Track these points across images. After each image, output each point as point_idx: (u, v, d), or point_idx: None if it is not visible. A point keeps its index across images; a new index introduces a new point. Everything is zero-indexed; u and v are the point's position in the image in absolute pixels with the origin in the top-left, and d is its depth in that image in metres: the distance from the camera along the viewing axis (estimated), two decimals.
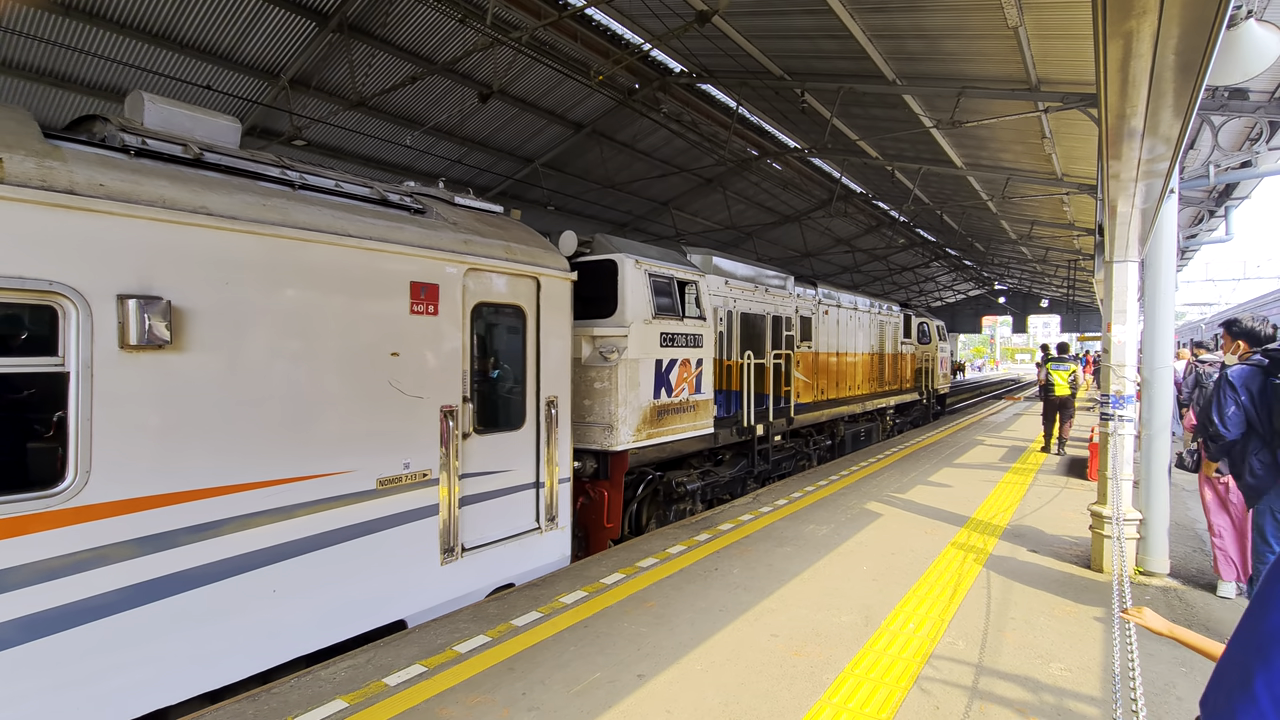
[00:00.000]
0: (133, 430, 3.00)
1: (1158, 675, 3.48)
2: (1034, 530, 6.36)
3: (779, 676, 3.51)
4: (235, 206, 3.41)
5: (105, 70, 9.42)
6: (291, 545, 3.59)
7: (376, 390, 4.03)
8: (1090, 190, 11.52)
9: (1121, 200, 3.96)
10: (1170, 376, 5.24)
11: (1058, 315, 43.74)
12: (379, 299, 4.06)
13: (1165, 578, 5.06)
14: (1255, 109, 7.14)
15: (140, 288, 3.04)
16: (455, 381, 4.52)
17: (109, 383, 2.93)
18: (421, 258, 4.31)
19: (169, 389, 3.13)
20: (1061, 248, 21.65)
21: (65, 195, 2.81)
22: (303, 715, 3.10)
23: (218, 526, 3.28)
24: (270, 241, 3.52)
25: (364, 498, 3.94)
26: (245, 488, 3.40)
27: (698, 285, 7.54)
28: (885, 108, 11.15)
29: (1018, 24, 6.82)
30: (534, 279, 5.18)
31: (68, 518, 2.80)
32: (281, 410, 3.57)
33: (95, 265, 2.91)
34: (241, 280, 3.41)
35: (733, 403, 8.38)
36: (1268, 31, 4.48)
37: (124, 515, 2.97)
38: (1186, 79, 2.30)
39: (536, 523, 5.23)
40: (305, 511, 3.65)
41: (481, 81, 11.29)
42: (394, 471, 4.12)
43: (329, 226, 3.81)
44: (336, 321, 3.84)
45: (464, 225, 4.81)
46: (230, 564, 3.33)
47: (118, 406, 2.95)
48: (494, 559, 4.84)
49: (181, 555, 3.15)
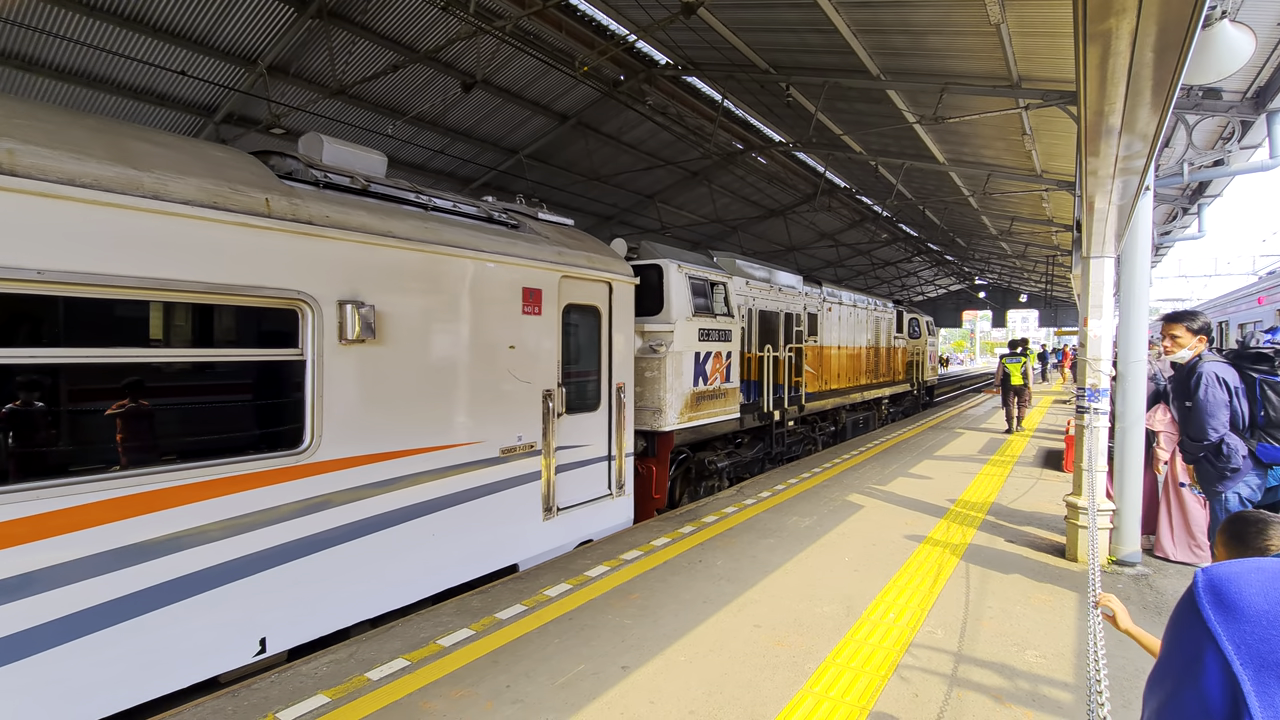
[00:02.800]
0: (346, 405, 3.89)
1: (1129, 661, 3.57)
2: (1012, 521, 6.48)
3: (762, 666, 3.54)
4: (408, 229, 4.28)
5: (74, 53, 9.15)
6: (442, 500, 4.50)
7: (499, 376, 4.96)
8: (1069, 187, 11.70)
9: (1099, 197, 4.02)
10: (1144, 371, 5.33)
11: (1036, 310, 44.42)
12: (501, 302, 4.97)
13: (1137, 566, 5.18)
14: (1228, 108, 7.29)
15: (352, 295, 3.92)
16: (552, 370, 5.43)
17: (331, 368, 3.80)
18: (530, 267, 5.20)
19: (370, 374, 4.02)
20: (1040, 243, 21.98)
21: (306, 225, 3.69)
22: (284, 710, 3.07)
23: (398, 482, 4.19)
24: (430, 256, 4.42)
25: (491, 464, 4.88)
26: (414, 452, 4.30)
27: (726, 286, 8.51)
28: (869, 103, 11.21)
29: (1000, 21, 6.88)
30: (607, 283, 6.11)
31: (307, 471, 3.69)
32: (438, 390, 4.49)
33: (323, 277, 3.77)
34: (412, 288, 4.30)
35: (752, 391, 9.22)
36: (1241, 32, 4.57)
37: (340, 470, 3.87)
38: (1163, 77, 2.33)
39: (609, 489, 6.18)
40: (452, 473, 4.57)
41: (465, 71, 11.14)
42: (511, 443, 5.06)
43: (467, 243, 4.70)
44: (473, 321, 4.74)
45: (554, 238, 5.72)
46: (406, 511, 4.26)
47: (337, 387, 3.83)
48: (579, 518, 5.80)
49: (374, 504, 4.05)
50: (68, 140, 2.92)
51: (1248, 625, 0.93)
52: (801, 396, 10.61)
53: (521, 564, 5.19)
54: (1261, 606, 0.93)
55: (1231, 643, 0.93)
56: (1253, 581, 0.96)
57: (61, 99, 9.77)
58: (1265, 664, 0.90)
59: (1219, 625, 0.94)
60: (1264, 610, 0.93)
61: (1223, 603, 0.96)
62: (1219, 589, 0.97)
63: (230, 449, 3.51)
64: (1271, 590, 0.94)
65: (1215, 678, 0.94)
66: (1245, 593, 0.95)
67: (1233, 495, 4.20)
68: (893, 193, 16.57)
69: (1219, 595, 0.97)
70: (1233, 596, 0.96)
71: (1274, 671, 0.90)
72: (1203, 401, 4.06)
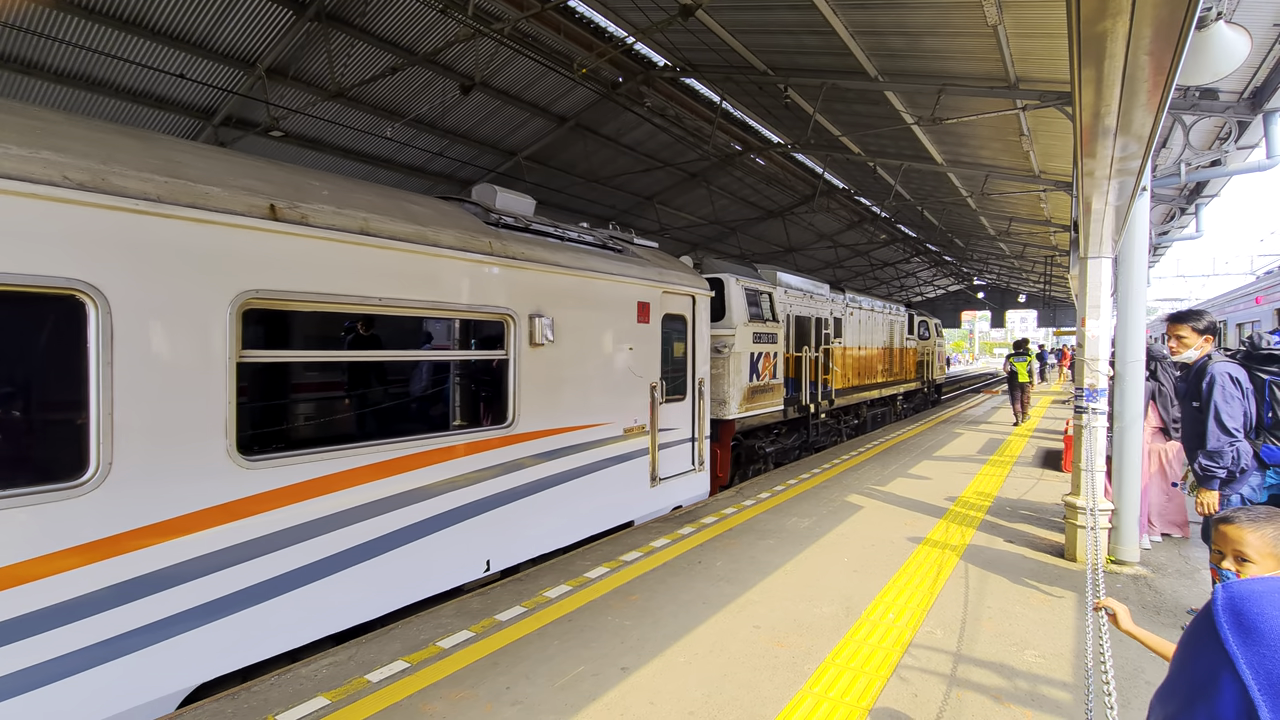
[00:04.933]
0: (533, 391, 5.14)
1: (1127, 661, 3.58)
2: (1011, 521, 6.49)
3: (761, 667, 3.55)
4: (567, 259, 5.55)
5: (73, 57, 9.16)
6: (587, 466, 5.73)
7: (622, 370, 6.23)
8: (1066, 187, 11.72)
9: (1096, 197, 4.03)
10: (1141, 370, 5.33)
11: (1034, 310, 44.45)
12: (624, 313, 6.26)
13: (1136, 566, 5.19)
14: (1225, 109, 7.30)
15: (537, 310, 5.16)
16: (655, 366, 6.70)
17: (524, 365, 5.06)
18: (643, 285, 6.51)
19: (546, 368, 5.26)
20: (1039, 244, 21.99)
21: (509, 259, 4.95)
22: (284, 713, 3.08)
23: (562, 451, 5.42)
24: (581, 279, 5.68)
25: (618, 440, 6.14)
26: (572, 429, 5.56)
27: (772, 296, 9.91)
28: (867, 104, 11.23)
29: (997, 22, 6.90)
30: (692, 296, 7.37)
31: (510, 440, 4.96)
32: (586, 380, 5.75)
33: (519, 297, 5.03)
34: (570, 304, 5.54)
35: (789, 387, 10.48)
36: (1236, 33, 4.58)
37: (530, 440, 5.13)
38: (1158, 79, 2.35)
39: (692, 465, 7.39)
40: (594, 446, 5.81)
41: (463, 73, 11.16)
42: (630, 424, 6.33)
43: (604, 268, 5.98)
44: (604, 328, 6.01)
45: (651, 260, 6.93)
46: (565, 475, 5.48)
47: (528, 378, 5.09)
48: (673, 487, 7.04)
49: (548, 467, 5.29)
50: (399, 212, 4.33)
51: (1266, 649, 0.90)
52: (831, 392, 12.02)
53: (635, 520, 6.48)
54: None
55: (1250, 666, 0.90)
56: (1275, 602, 0.93)
57: (60, 103, 9.78)
58: None
59: (1237, 647, 0.92)
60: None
61: (1242, 624, 0.93)
62: (1239, 609, 0.94)
63: (467, 423, 5.06)
64: None
65: (1231, 701, 0.91)
66: (1266, 613, 0.92)
67: (1235, 496, 4.20)
68: (891, 194, 16.59)
69: (1239, 616, 0.94)
70: (1253, 618, 0.92)
71: None
72: (1218, 404, 3.93)
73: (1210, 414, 3.89)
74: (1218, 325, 4.33)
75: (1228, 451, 3.84)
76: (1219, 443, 3.85)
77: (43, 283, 2.74)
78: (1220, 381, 3.90)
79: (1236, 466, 3.91)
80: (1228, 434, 3.84)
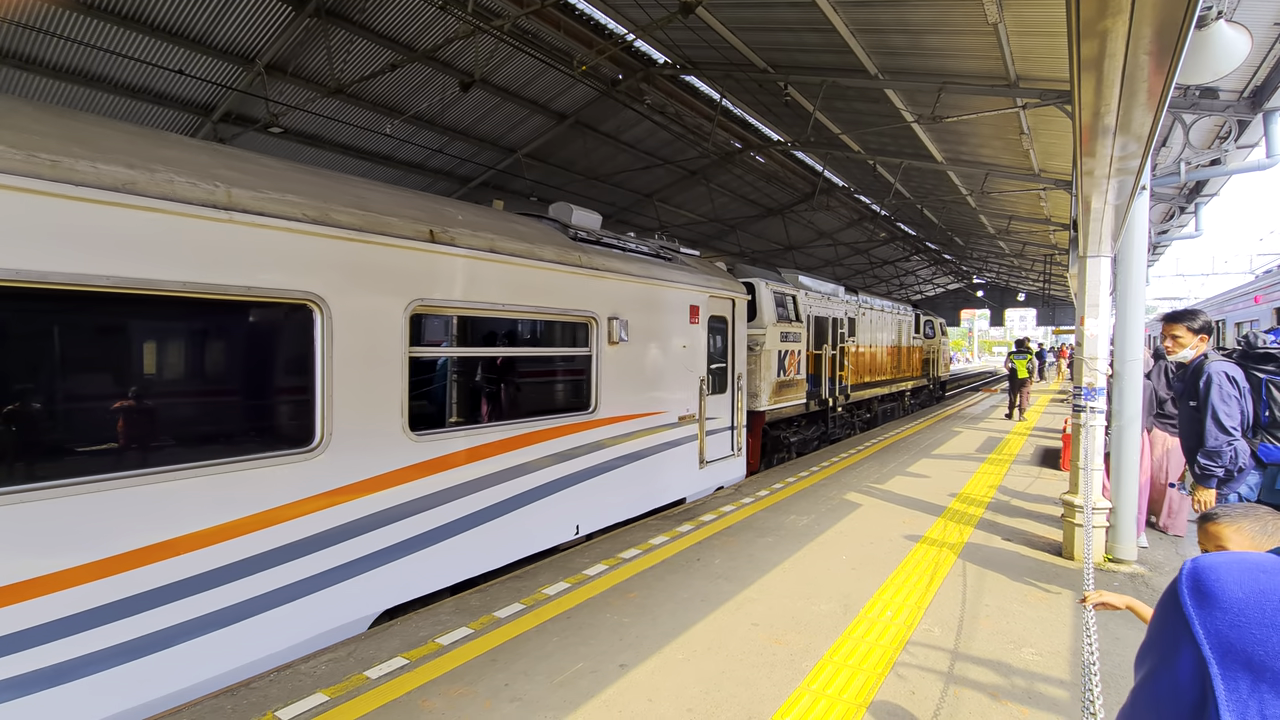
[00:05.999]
0: (609, 382, 6.02)
1: (1124, 659, 3.59)
2: (1008, 519, 6.50)
3: (759, 664, 3.56)
4: (636, 269, 6.40)
5: (72, 52, 9.13)
6: (650, 449, 6.63)
7: (677, 366, 7.05)
8: (1066, 186, 11.71)
9: (1095, 196, 4.03)
10: (1140, 369, 5.34)
11: (1034, 309, 44.46)
12: (677, 315, 7.05)
13: (1133, 564, 5.21)
14: (1225, 108, 7.30)
15: (614, 313, 6.03)
16: (702, 363, 7.50)
17: (603, 361, 5.94)
18: (693, 290, 7.32)
19: (619, 363, 6.15)
20: (1038, 242, 22.00)
21: (592, 270, 5.80)
22: (283, 709, 3.08)
23: (630, 435, 6.32)
24: (646, 286, 6.54)
25: (673, 426, 6.98)
26: (638, 415, 6.45)
27: (796, 298, 10.82)
28: (868, 102, 11.22)
29: (998, 21, 6.89)
30: (731, 299, 8.17)
31: (592, 424, 5.84)
32: (650, 374, 6.62)
33: (599, 302, 5.88)
34: (638, 307, 6.39)
35: (810, 383, 11.37)
36: (1236, 32, 4.58)
37: (607, 425, 6.02)
38: (1158, 78, 2.35)
39: (732, 450, 8.29)
40: (654, 431, 6.69)
41: (463, 70, 11.13)
42: (682, 413, 7.14)
43: (664, 276, 6.83)
44: (664, 328, 6.81)
45: (696, 267, 7.78)
46: (635, 455, 6.39)
47: (605, 371, 5.97)
48: (716, 470, 7.90)
49: (620, 448, 6.18)
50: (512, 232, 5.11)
51: (1220, 614, 0.95)
52: (847, 388, 12.98)
53: (687, 498, 7.34)
54: (1236, 595, 0.95)
55: (1204, 629, 0.95)
56: (1233, 572, 0.99)
57: (59, 99, 9.75)
58: (1231, 651, 0.92)
59: (1194, 613, 0.97)
60: (1238, 599, 0.95)
61: (1200, 591, 0.98)
62: (1199, 577, 1.00)
63: (562, 409, 5.74)
64: (1248, 580, 0.97)
65: (1188, 664, 0.96)
66: (1224, 582, 0.98)
67: (1232, 495, 4.20)
68: (891, 192, 16.58)
69: (1198, 584, 0.99)
70: (1210, 585, 0.98)
71: (1239, 659, 0.92)
72: (1215, 403, 3.93)
73: (1208, 413, 3.90)
74: (1213, 324, 4.34)
75: (1225, 451, 3.85)
76: (1217, 442, 3.86)
77: (283, 295, 3.53)
78: (1217, 381, 3.91)
79: (1234, 465, 3.92)
80: (1225, 433, 3.85)
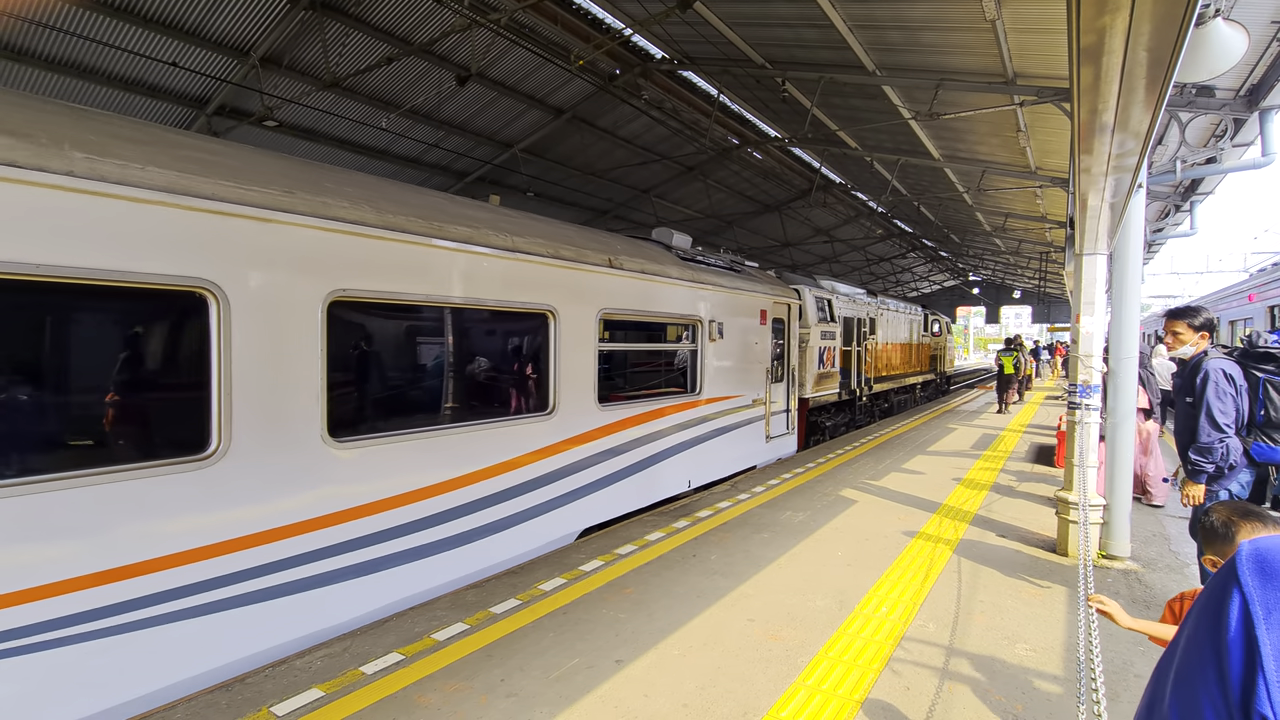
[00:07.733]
0: (708, 371, 7.56)
1: (1117, 655, 3.62)
2: (1003, 516, 6.53)
3: (755, 660, 3.57)
4: (724, 281, 7.97)
5: (64, 44, 9.05)
6: (734, 424, 8.25)
7: (750, 360, 8.65)
8: (1063, 184, 11.73)
9: (1092, 194, 4.03)
10: (1135, 367, 5.36)
11: (1029, 306, 44.64)
12: (750, 318, 8.62)
13: (1127, 561, 5.23)
14: (1221, 106, 7.32)
15: (713, 316, 7.60)
16: (768, 356, 9.16)
17: (706, 354, 7.51)
18: (762, 296, 8.93)
19: (715, 356, 7.69)
20: (1034, 240, 22.05)
21: (695, 283, 7.31)
22: (279, 704, 3.08)
23: (721, 413, 7.91)
24: (731, 294, 8.09)
25: (747, 407, 8.57)
26: (726, 398, 8.02)
27: (832, 301, 12.63)
28: (865, 98, 11.20)
29: (995, 17, 6.88)
30: (788, 304, 9.92)
31: (696, 404, 7.41)
32: (734, 364, 8.17)
33: (702, 308, 7.44)
34: (727, 312, 7.93)
35: (842, 375, 13.08)
36: (1234, 30, 4.59)
37: (705, 405, 7.57)
38: (1156, 75, 2.34)
39: (787, 429, 10.07)
40: (735, 411, 8.27)
41: (459, 64, 11.08)
42: (754, 396, 8.76)
43: (743, 286, 8.43)
44: (743, 328, 8.38)
45: (759, 277, 9.42)
46: (721, 429, 7.94)
47: (707, 362, 7.51)
48: (777, 444, 9.63)
49: (713, 424, 7.74)
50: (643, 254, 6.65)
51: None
52: (870, 380, 14.85)
53: (757, 465, 8.97)
54: None
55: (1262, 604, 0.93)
56: None
57: (52, 90, 9.66)
58: None
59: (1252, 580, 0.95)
60: None
61: (1264, 568, 0.95)
62: (1263, 557, 0.97)
63: (677, 391, 7.25)
64: None
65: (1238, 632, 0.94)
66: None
67: (1224, 492, 4.22)
68: (888, 188, 16.58)
69: (1261, 562, 0.96)
70: (1275, 563, 0.95)
71: None
72: (1210, 400, 3.95)
73: (1202, 409, 3.92)
74: (1214, 322, 4.35)
75: (1217, 447, 3.87)
76: (1209, 438, 3.88)
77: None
78: (1214, 377, 3.92)
79: (1225, 462, 3.94)
80: (1218, 430, 3.87)
